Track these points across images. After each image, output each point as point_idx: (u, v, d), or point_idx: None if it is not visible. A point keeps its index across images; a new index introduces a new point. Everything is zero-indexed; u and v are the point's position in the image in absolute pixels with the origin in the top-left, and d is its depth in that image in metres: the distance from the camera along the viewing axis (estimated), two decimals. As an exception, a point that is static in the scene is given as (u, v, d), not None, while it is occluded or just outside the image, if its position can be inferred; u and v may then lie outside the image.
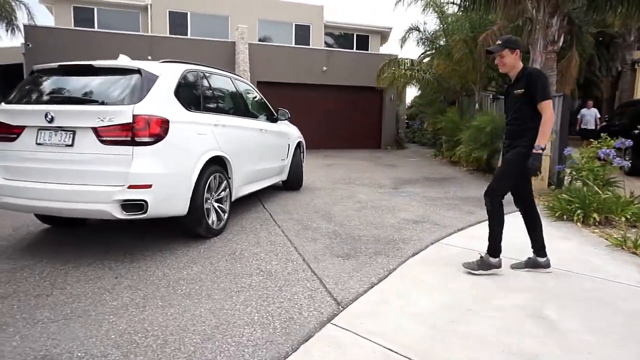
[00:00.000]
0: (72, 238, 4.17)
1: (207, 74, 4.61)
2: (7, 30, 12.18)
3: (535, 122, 3.18)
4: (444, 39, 12.03)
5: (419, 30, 14.59)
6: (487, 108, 10.73)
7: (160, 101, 3.71)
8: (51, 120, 3.48)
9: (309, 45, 18.35)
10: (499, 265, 3.36)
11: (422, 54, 16.16)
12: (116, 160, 3.44)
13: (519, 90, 3.23)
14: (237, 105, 5.24)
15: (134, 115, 3.43)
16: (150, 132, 3.49)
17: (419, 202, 6.21)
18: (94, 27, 15.63)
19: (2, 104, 3.85)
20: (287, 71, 15.00)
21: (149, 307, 2.75)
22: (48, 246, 3.96)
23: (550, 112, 3.15)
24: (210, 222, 4.13)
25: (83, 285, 3.12)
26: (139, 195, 3.45)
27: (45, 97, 3.77)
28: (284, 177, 6.49)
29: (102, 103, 3.56)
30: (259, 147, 5.44)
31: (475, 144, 8.58)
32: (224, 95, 5.01)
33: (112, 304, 2.81)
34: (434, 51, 13.37)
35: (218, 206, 4.30)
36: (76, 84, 3.78)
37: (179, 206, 3.77)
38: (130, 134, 3.43)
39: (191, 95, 4.21)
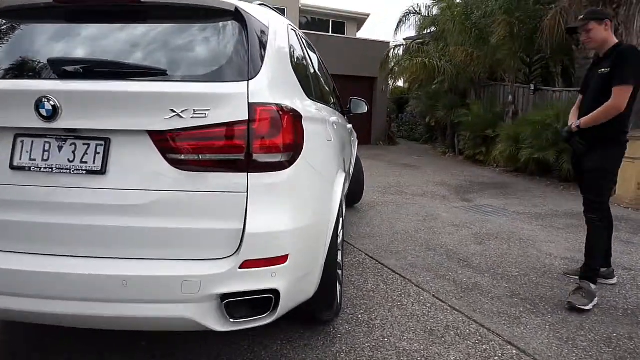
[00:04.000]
0: (61, 339, 2.17)
1: (300, 35, 2.73)
2: None
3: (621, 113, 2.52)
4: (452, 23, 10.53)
5: (419, 14, 13.19)
6: (520, 101, 9.45)
7: (283, 77, 1.83)
8: (51, 116, 1.50)
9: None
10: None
11: (415, 39, 14.80)
12: (209, 204, 1.54)
13: (604, 70, 2.58)
14: (330, 91, 3.40)
15: (250, 105, 1.55)
16: (283, 140, 1.61)
17: (529, 223, 4.69)
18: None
19: None
20: (271, 56, 13.00)
21: None
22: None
23: (618, 101, 2.48)
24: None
25: None
26: (263, 282, 1.56)
27: (30, 66, 1.73)
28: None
29: (174, 78, 1.61)
30: (349, 154, 3.64)
31: (539, 144, 7.19)
32: (320, 73, 3.15)
33: None
34: (436, 36, 11.95)
35: (334, 262, 2.47)
36: (104, 40, 1.77)
37: (312, 285, 1.91)
38: (243, 146, 1.54)
39: (302, 70, 2.32)
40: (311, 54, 2.97)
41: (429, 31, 13.30)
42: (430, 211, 5.13)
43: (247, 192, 1.55)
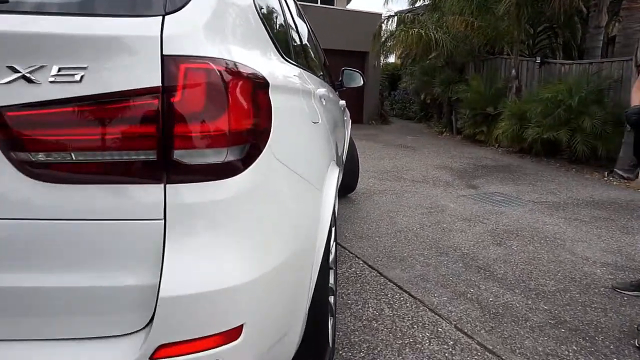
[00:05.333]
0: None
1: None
2: None
3: None
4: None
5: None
6: (524, 76, 8.74)
7: (235, 17, 1.09)
8: None
9: None
10: None
11: (407, 12, 13.97)
12: (91, 243, 0.84)
13: None
14: (319, 64, 2.68)
15: (166, 61, 0.83)
16: (231, 124, 0.89)
17: (550, 216, 4.05)
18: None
19: None
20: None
21: None
22: None
23: None
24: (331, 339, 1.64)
25: None
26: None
27: None
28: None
29: (15, 7, 0.87)
30: (342, 137, 2.94)
31: (550, 122, 6.53)
32: (309, 43, 2.43)
33: None
34: (432, 6, 11.11)
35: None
36: None
37: (292, 345, 1.23)
38: (153, 135, 0.83)
39: (276, 18, 1.59)
40: (297, 18, 2.23)
41: (422, 3, 12.48)
42: (435, 201, 4.47)
43: (165, 219, 0.85)
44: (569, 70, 7.75)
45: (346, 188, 4.32)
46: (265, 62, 1.13)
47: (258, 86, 0.99)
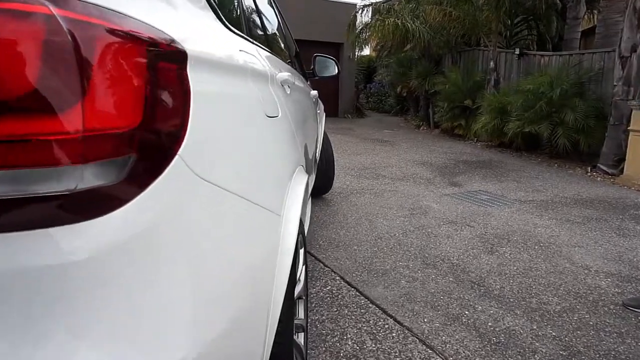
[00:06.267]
0: None
1: None
2: None
3: None
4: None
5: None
6: (502, 68, 8.51)
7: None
8: None
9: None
10: None
11: (383, 1, 13.62)
12: None
13: None
14: (287, 48, 2.28)
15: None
16: (92, 120, 0.48)
17: (539, 216, 3.77)
18: None
19: None
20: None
21: None
22: None
23: None
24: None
25: None
26: None
27: None
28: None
29: None
30: (314, 133, 2.54)
31: (531, 115, 6.29)
32: (278, 31, 2.03)
33: None
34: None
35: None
36: None
37: None
38: None
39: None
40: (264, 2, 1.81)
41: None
42: (417, 201, 4.13)
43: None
44: (548, 62, 7.54)
45: (321, 189, 3.92)
46: (187, 21, 0.72)
47: (163, 56, 0.58)
